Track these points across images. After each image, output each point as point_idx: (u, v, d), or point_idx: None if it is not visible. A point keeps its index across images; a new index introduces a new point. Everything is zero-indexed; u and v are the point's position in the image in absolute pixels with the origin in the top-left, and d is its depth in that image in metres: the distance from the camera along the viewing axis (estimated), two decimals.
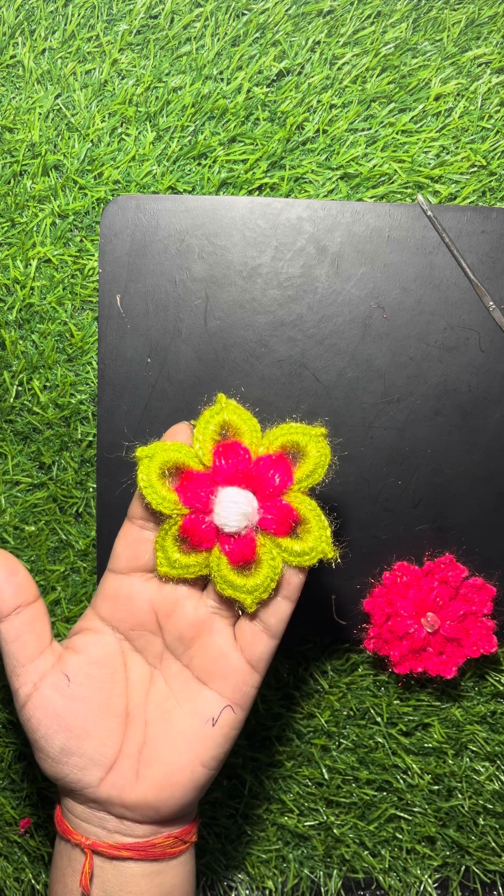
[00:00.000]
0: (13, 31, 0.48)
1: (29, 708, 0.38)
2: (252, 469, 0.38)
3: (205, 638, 0.39)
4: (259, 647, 0.39)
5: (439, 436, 0.47)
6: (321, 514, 0.38)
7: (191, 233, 0.47)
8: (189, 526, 0.38)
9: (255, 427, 0.39)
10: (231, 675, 0.39)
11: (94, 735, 0.38)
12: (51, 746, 0.38)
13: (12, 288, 0.48)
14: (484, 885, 0.51)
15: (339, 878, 0.51)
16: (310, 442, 0.38)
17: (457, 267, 0.47)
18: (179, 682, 0.40)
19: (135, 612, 0.40)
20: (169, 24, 0.48)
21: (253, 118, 0.48)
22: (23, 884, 0.52)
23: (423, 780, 0.50)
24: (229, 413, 0.39)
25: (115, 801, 0.38)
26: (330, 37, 0.48)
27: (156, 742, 0.39)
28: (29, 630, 0.39)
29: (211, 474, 0.38)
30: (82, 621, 0.41)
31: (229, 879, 0.51)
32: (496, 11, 0.49)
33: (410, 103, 0.48)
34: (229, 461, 0.38)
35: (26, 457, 0.49)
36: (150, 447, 0.38)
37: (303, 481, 0.38)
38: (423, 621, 0.46)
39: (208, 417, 0.39)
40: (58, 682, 0.39)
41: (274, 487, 0.38)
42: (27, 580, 0.39)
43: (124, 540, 0.40)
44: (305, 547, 0.38)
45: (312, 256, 0.47)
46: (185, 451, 0.38)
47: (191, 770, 0.38)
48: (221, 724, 0.39)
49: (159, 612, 0.40)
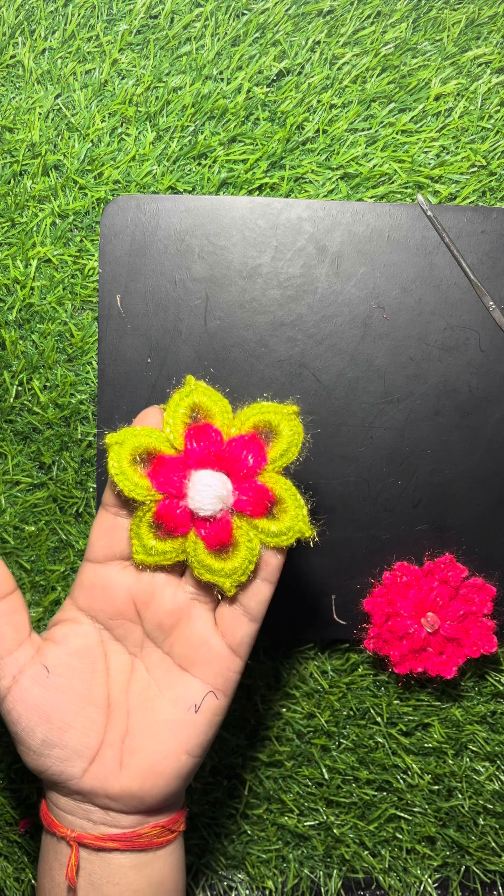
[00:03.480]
0: (13, 31, 0.48)
1: (9, 701, 0.38)
2: (225, 451, 0.38)
3: (185, 625, 0.39)
4: (240, 631, 0.38)
5: (439, 436, 0.47)
6: (297, 493, 0.37)
7: (191, 233, 0.47)
8: (163, 512, 0.37)
9: (227, 408, 0.38)
10: (213, 660, 0.38)
11: (75, 726, 0.38)
12: (32, 739, 0.38)
13: (12, 288, 0.48)
14: (484, 885, 0.51)
15: (339, 878, 0.51)
16: (282, 420, 0.38)
17: (457, 267, 0.47)
18: (161, 670, 0.39)
19: (113, 602, 0.39)
20: (169, 24, 0.48)
21: (253, 118, 0.48)
22: (23, 884, 0.52)
23: (423, 780, 0.50)
24: (199, 395, 0.38)
25: (100, 791, 0.38)
26: (330, 37, 0.48)
27: (139, 731, 0.38)
28: (6, 622, 0.38)
29: (183, 458, 0.37)
30: (61, 612, 0.41)
31: (229, 879, 0.51)
32: (496, 11, 0.49)
33: (410, 103, 0.48)
34: (201, 444, 0.37)
35: (26, 457, 0.49)
36: (119, 433, 0.37)
37: (276, 461, 0.37)
38: (423, 621, 0.46)
39: (178, 400, 0.38)
40: (37, 673, 0.38)
41: (248, 468, 0.37)
42: (3, 572, 0.39)
43: (99, 529, 0.39)
44: (282, 527, 0.37)
45: (312, 256, 0.47)
46: (156, 436, 0.38)
47: (175, 758, 0.38)
48: (205, 711, 0.38)
49: (137, 600, 0.39)
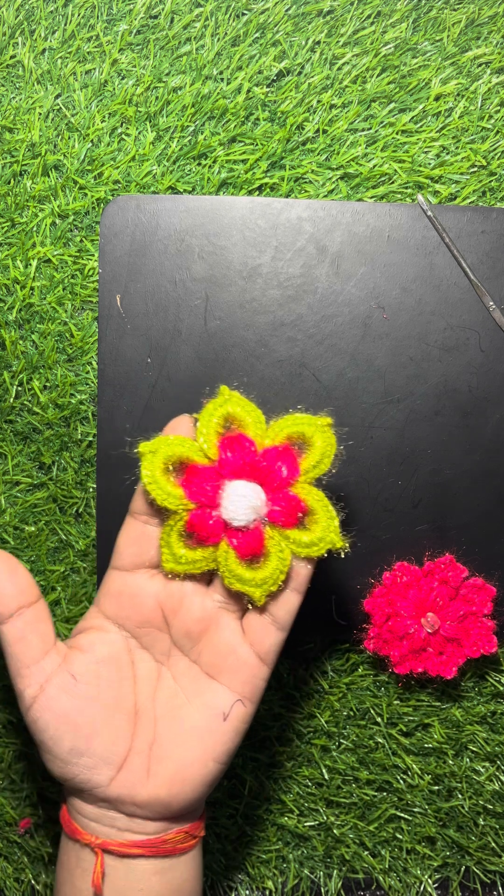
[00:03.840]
0: (13, 31, 0.48)
1: (35, 709, 0.38)
2: (258, 461, 0.38)
3: (212, 633, 0.39)
4: (268, 640, 0.39)
5: (439, 436, 0.47)
6: (328, 504, 0.38)
7: (191, 233, 0.47)
8: (195, 521, 0.37)
9: (260, 419, 0.38)
10: (241, 669, 0.39)
11: (103, 734, 0.38)
12: (59, 747, 0.38)
13: (12, 288, 0.48)
14: (484, 885, 0.51)
15: (339, 879, 0.51)
16: (316, 432, 0.38)
17: (457, 267, 0.47)
18: (188, 678, 0.39)
19: (141, 610, 0.39)
20: (169, 24, 0.48)
21: (253, 118, 0.48)
22: (23, 884, 0.52)
23: (423, 780, 0.50)
24: (233, 405, 0.38)
25: (126, 799, 0.38)
26: (330, 37, 0.48)
27: (166, 739, 0.38)
28: (32, 631, 0.38)
29: (216, 468, 0.38)
30: (86, 620, 0.41)
31: (229, 879, 0.51)
32: (496, 11, 0.49)
33: (410, 103, 0.48)
34: (235, 454, 0.37)
35: (26, 457, 0.49)
36: (152, 442, 0.37)
37: (309, 472, 0.38)
38: (423, 621, 0.46)
39: (212, 410, 0.38)
40: (64, 682, 0.38)
41: (281, 479, 0.37)
42: (28, 580, 0.39)
43: (127, 536, 0.39)
44: (314, 538, 0.37)
45: (312, 256, 0.47)
46: (189, 445, 0.38)
47: (202, 765, 0.38)
48: (232, 718, 0.39)
49: (166, 608, 0.39)
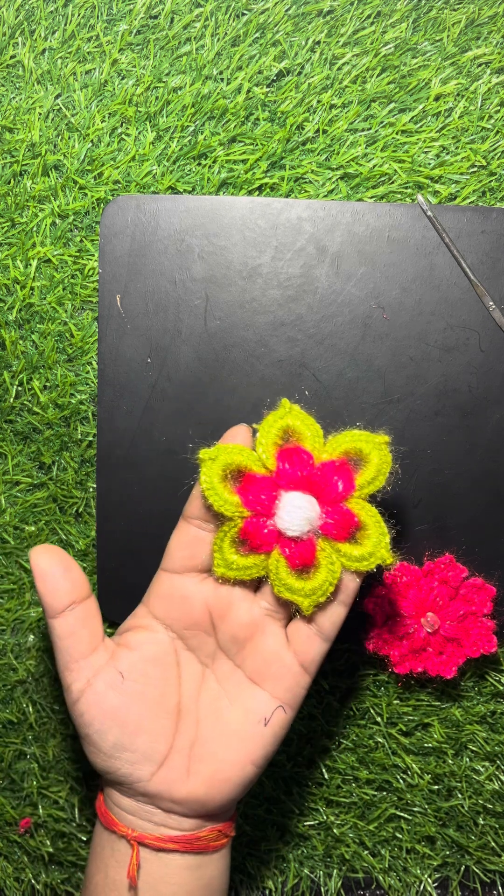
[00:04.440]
0: (13, 31, 0.48)
1: (82, 703, 0.39)
2: (315, 474, 0.38)
3: (258, 639, 0.40)
4: (312, 650, 0.39)
5: (439, 436, 0.47)
6: (381, 520, 0.38)
7: (191, 233, 0.47)
8: (250, 529, 0.38)
9: (318, 432, 0.39)
10: (284, 676, 0.39)
11: (146, 731, 0.39)
12: (104, 741, 0.39)
13: (12, 288, 0.48)
14: (484, 884, 0.51)
15: (339, 878, 0.51)
16: (373, 449, 0.38)
17: (457, 267, 0.47)
18: (231, 681, 0.40)
19: (190, 612, 0.40)
20: (169, 24, 0.48)
21: (253, 118, 0.48)
22: (23, 884, 0.52)
23: (423, 779, 0.50)
24: (293, 418, 0.39)
25: (165, 795, 0.39)
26: (330, 37, 0.48)
27: (207, 739, 0.39)
28: (82, 626, 0.39)
29: (274, 478, 0.38)
30: (134, 619, 0.41)
31: (229, 879, 0.51)
32: (496, 11, 0.49)
33: (410, 103, 0.48)
34: (293, 465, 0.38)
35: (26, 457, 0.49)
36: (212, 449, 0.38)
37: (364, 488, 0.38)
38: (423, 621, 0.46)
39: (272, 421, 0.39)
40: (112, 678, 0.39)
41: (336, 493, 0.38)
42: (81, 577, 0.40)
43: (179, 540, 0.40)
44: (364, 552, 0.38)
45: (312, 256, 0.47)
46: (248, 454, 0.39)
47: (241, 767, 0.39)
48: (272, 724, 0.39)
49: (214, 612, 0.40)
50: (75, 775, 0.51)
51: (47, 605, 0.39)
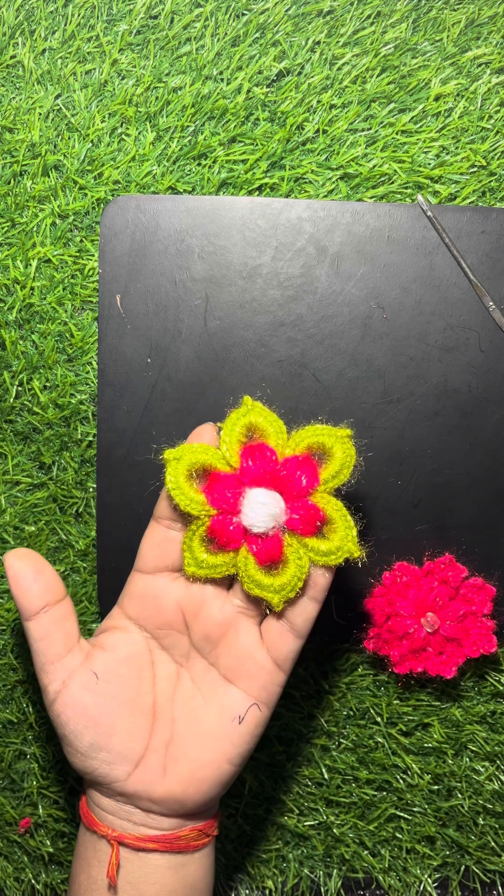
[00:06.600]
0: (13, 31, 0.48)
1: (58, 705, 0.39)
2: (279, 470, 0.39)
3: (231, 637, 0.40)
4: (285, 647, 0.39)
5: (439, 436, 0.47)
6: (347, 513, 0.39)
7: (191, 233, 0.47)
8: (217, 527, 0.38)
9: (282, 429, 0.39)
10: (258, 674, 0.40)
11: (122, 731, 0.39)
12: (80, 742, 0.39)
13: (12, 288, 0.48)
14: (484, 884, 0.51)
15: (339, 878, 0.51)
16: (336, 443, 0.39)
17: (457, 267, 0.47)
18: (206, 680, 0.40)
19: (162, 612, 0.40)
20: (169, 24, 0.48)
21: (253, 118, 0.48)
22: (23, 884, 0.52)
23: (423, 780, 0.50)
24: (255, 415, 0.39)
25: (143, 795, 0.39)
26: (330, 37, 0.48)
27: (183, 739, 0.40)
28: (57, 628, 0.40)
29: (238, 476, 0.39)
30: (109, 620, 0.42)
31: (229, 879, 0.51)
32: (496, 11, 0.49)
33: (410, 103, 0.48)
34: (257, 462, 0.38)
35: (26, 457, 0.49)
36: (177, 449, 0.39)
37: (329, 482, 0.39)
38: (423, 621, 0.46)
39: (235, 419, 0.39)
40: (86, 679, 0.39)
41: (301, 488, 0.38)
42: (54, 579, 0.40)
43: (150, 540, 0.41)
44: (332, 546, 0.38)
45: (312, 256, 0.47)
46: (212, 453, 0.39)
47: (217, 766, 0.39)
48: (247, 722, 0.39)
49: (186, 611, 0.40)
50: (75, 775, 0.51)
51: (22, 608, 0.39)
